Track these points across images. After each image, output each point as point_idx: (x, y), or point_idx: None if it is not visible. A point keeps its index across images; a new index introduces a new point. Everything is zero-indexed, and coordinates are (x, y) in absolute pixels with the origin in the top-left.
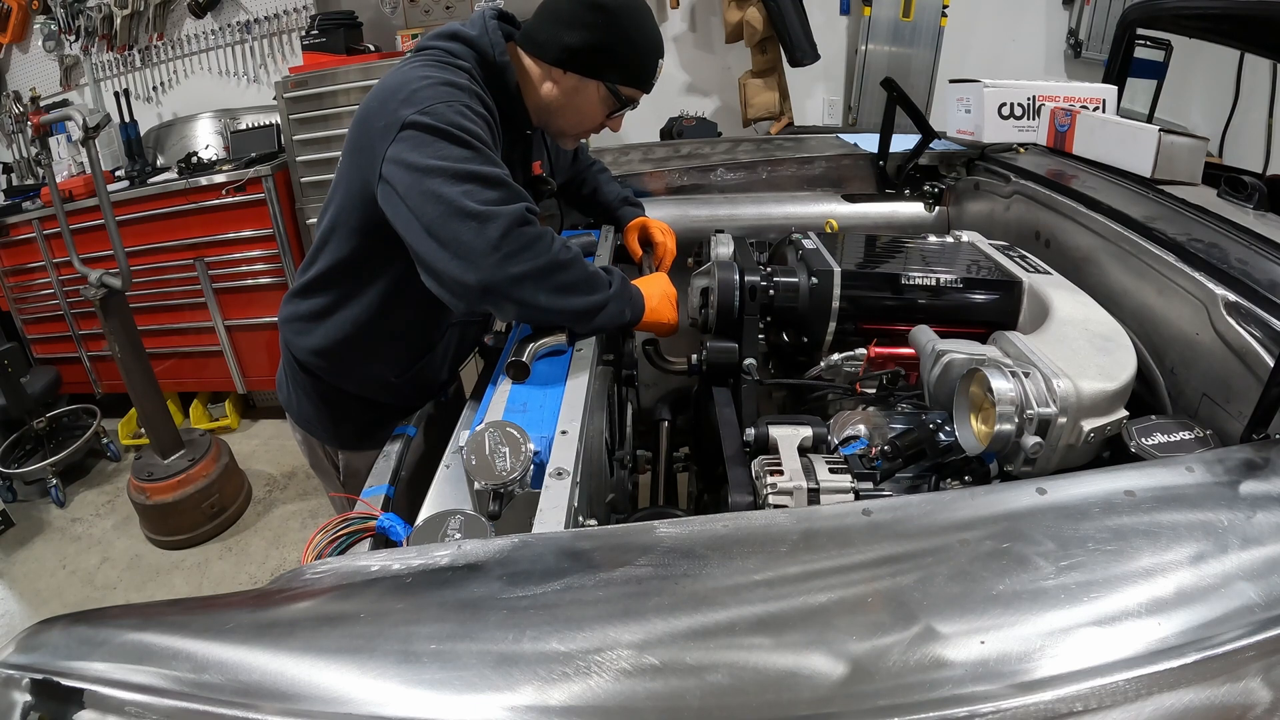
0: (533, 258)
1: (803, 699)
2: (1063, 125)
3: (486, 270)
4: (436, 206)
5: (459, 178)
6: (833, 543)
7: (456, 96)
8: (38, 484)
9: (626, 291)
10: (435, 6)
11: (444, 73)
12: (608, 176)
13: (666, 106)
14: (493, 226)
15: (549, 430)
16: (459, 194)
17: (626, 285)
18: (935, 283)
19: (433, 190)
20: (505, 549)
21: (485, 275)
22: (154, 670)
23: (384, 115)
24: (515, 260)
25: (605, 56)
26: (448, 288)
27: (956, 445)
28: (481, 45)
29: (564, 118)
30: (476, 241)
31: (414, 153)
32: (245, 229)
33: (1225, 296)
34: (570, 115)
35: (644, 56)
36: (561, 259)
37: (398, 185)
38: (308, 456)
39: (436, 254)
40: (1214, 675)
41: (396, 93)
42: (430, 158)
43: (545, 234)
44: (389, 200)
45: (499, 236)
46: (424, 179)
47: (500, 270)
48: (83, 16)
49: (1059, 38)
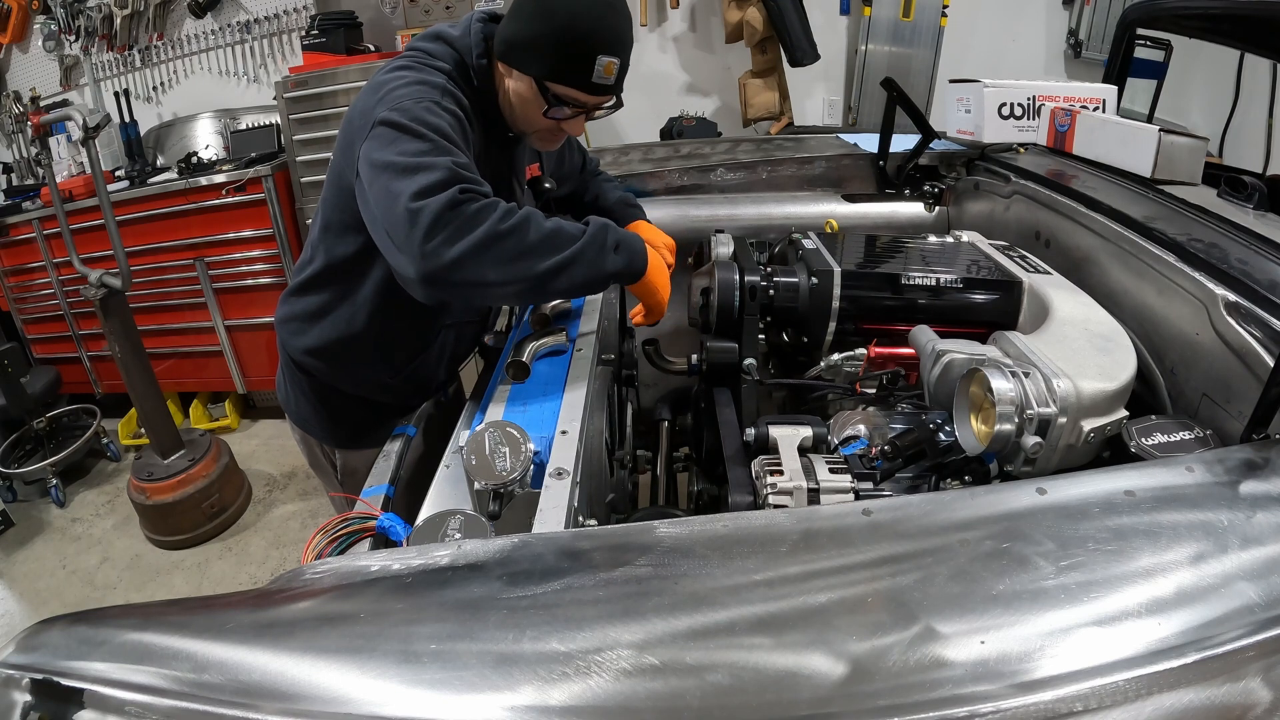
0: (465, 235)
1: (803, 699)
2: (1063, 125)
3: (422, 261)
4: (386, 202)
5: (409, 170)
6: (833, 543)
7: (426, 94)
8: (38, 484)
9: (608, 237)
10: (435, 6)
11: (419, 73)
12: (613, 186)
13: (666, 106)
14: (425, 214)
15: (549, 430)
16: (404, 187)
17: (609, 231)
18: (935, 283)
19: (385, 186)
20: (505, 549)
21: (421, 266)
22: (154, 670)
23: (363, 114)
24: (448, 244)
25: (532, 50)
26: (404, 284)
27: (956, 445)
28: (462, 46)
29: (513, 116)
30: (411, 233)
31: (378, 149)
32: (245, 229)
33: (1225, 296)
34: (519, 113)
35: (577, 52)
36: (502, 228)
37: (364, 182)
38: (306, 456)
39: (389, 250)
40: (1214, 675)
41: (375, 92)
42: (389, 154)
43: (483, 208)
44: (360, 197)
45: (429, 224)
46: (380, 175)
47: (435, 258)
48: (83, 16)
49: (1059, 38)
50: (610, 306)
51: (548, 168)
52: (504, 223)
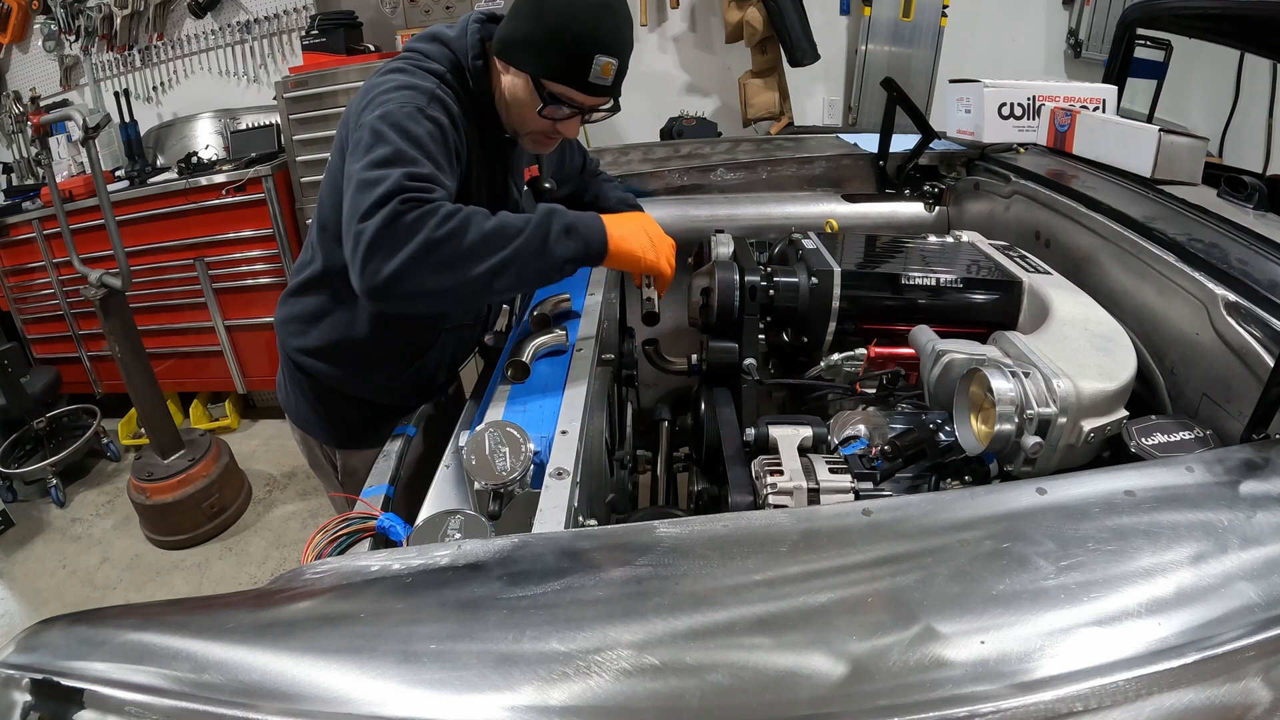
0: (401, 247)
1: (803, 699)
2: (1063, 125)
3: (361, 280)
4: (347, 217)
5: (364, 185)
6: (833, 543)
7: (411, 99)
8: (38, 484)
9: (553, 224)
10: (435, 6)
11: (410, 76)
12: (613, 186)
13: (666, 106)
14: (365, 235)
15: (549, 430)
16: (358, 204)
17: (556, 216)
18: (935, 283)
19: (349, 200)
20: (505, 549)
21: (361, 284)
22: (154, 670)
23: (355, 117)
24: (385, 260)
25: (529, 47)
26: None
27: (956, 445)
28: (458, 47)
29: (508, 115)
30: (355, 254)
31: (355, 158)
32: (245, 229)
33: (1225, 296)
34: (514, 112)
35: (575, 50)
36: (437, 235)
37: (346, 189)
38: (306, 456)
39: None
40: (1214, 675)
41: (366, 95)
42: (358, 165)
43: (421, 216)
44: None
45: (368, 244)
46: (348, 187)
47: (373, 276)
48: (83, 16)
49: (1059, 38)
50: (610, 306)
51: (548, 168)
52: (440, 229)
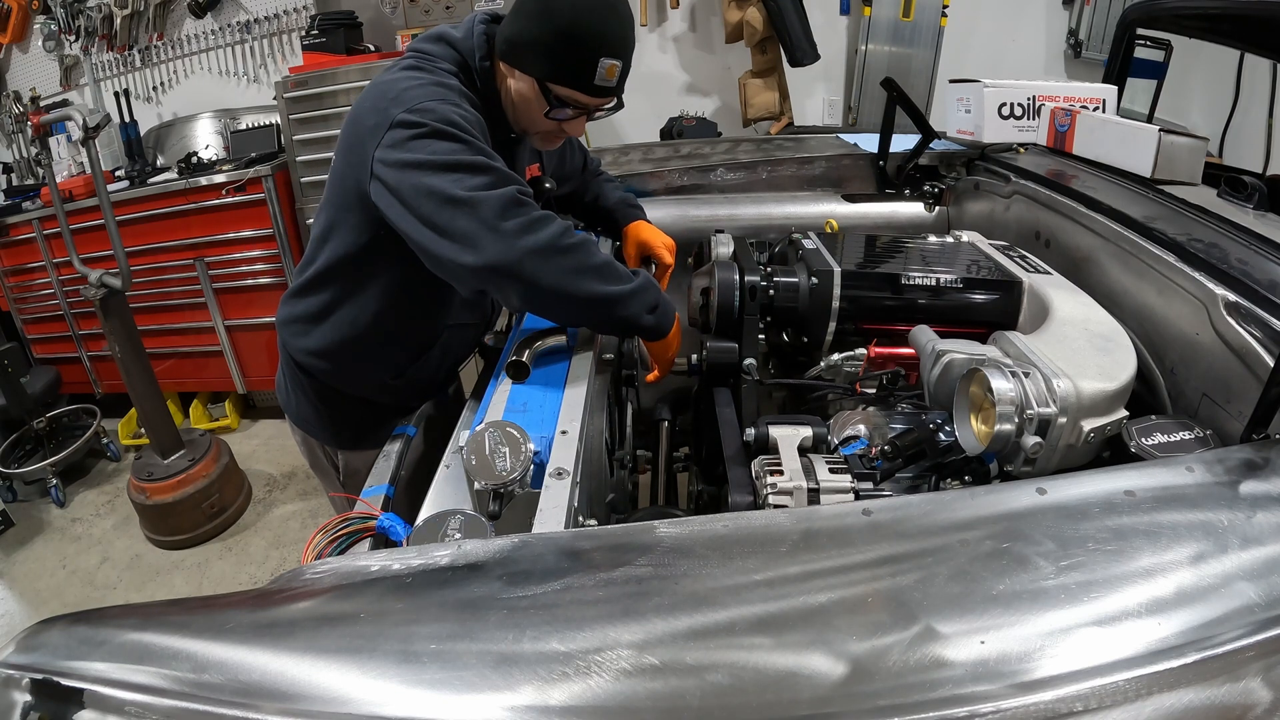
0: (531, 234)
1: (803, 699)
2: (1063, 125)
3: (489, 250)
4: (430, 199)
5: (447, 168)
6: (833, 543)
7: (446, 95)
8: (38, 484)
9: (651, 294)
10: (435, 6)
11: (432, 74)
12: (613, 186)
13: (666, 106)
14: (485, 208)
15: (549, 430)
16: (448, 183)
17: (654, 288)
18: (935, 283)
19: (424, 183)
20: (505, 549)
21: (488, 255)
22: (154, 670)
23: (374, 114)
24: (516, 236)
25: (534, 51)
26: (451, 273)
27: (956, 445)
28: (464, 48)
29: (515, 115)
30: (472, 225)
31: (403, 149)
32: (245, 229)
33: (1225, 296)
34: (520, 113)
35: (578, 53)
36: (565, 242)
37: (390, 181)
38: (307, 457)
39: (437, 243)
40: (1214, 675)
41: (386, 92)
42: (419, 153)
43: (547, 216)
44: (382, 197)
45: (494, 216)
46: (414, 173)
47: (503, 246)
48: (83, 16)
49: (1059, 38)
50: None
51: (548, 167)
52: (566, 238)
